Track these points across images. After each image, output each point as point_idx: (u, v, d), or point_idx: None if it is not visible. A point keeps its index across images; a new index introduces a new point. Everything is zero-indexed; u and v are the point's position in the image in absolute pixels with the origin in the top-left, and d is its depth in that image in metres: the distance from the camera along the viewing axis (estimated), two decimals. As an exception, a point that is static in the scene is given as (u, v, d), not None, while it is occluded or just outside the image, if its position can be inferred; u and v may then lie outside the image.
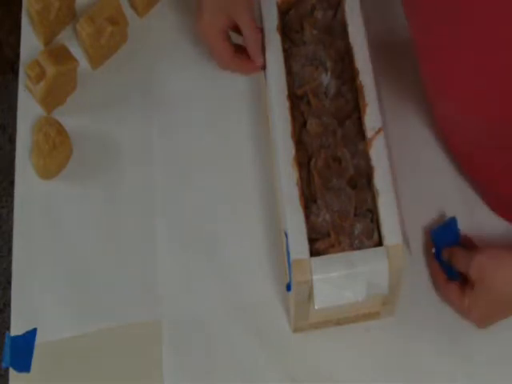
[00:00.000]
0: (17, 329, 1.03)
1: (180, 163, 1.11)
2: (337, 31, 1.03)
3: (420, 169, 1.08)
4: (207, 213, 1.08)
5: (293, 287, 0.91)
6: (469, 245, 1.00)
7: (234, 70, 1.07)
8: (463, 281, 0.96)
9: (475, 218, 1.04)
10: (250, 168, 1.10)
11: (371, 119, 0.96)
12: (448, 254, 0.99)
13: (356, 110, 0.98)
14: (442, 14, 0.83)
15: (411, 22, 0.92)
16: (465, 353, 0.99)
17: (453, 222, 1.02)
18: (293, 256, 0.90)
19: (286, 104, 0.98)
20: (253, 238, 1.06)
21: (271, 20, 1.03)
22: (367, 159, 0.95)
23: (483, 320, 0.97)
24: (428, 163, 1.08)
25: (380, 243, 0.92)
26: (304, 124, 0.98)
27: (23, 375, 1.01)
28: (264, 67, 1.03)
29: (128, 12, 1.18)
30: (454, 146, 1.05)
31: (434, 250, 1.01)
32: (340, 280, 0.90)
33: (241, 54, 1.05)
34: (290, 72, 1.01)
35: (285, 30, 1.04)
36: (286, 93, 0.98)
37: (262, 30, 1.03)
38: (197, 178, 1.10)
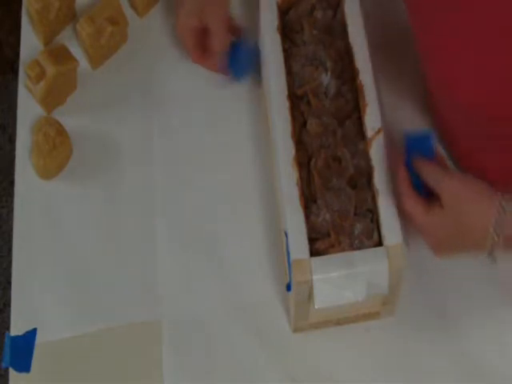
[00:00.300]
0: (17, 329, 1.03)
1: (180, 163, 1.11)
2: (337, 31, 1.03)
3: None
4: (207, 213, 1.08)
5: (293, 287, 0.91)
6: (441, 164, 0.95)
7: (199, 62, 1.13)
8: (429, 196, 0.91)
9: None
10: (250, 168, 1.10)
11: (371, 119, 0.96)
12: (420, 165, 0.92)
13: (356, 110, 0.98)
14: (443, 12, 0.84)
15: (413, 20, 0.92)
16: (464, 352, 0.99)
17: (430, 135, 0.95)
18: (293, 256, 0.90)
19: (286, 104, 0.98)
20: (253, 238, 1.06)
21: (271, 20, 1.03)
22: (367, 159, 0.95)
23: (441, 247, 0.93)
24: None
25: (380, 243, 0.92)
26: (304, 124, 0.98)
27: (23, 375, 1.01)
28: (226, 71, 1.11)
29: (128, 12, 1.18)
30: (453, 146, 1.05)
31: (404, 156, 0.94)
32: (340, 280, 0.90)
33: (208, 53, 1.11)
34: (290, 72, 1.01)
35: (285, 30, 1.04)
36: (285, 93, 0.98)
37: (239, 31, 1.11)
38: (197, 178, 1.10)
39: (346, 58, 1.01)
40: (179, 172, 1.10)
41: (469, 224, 0.88)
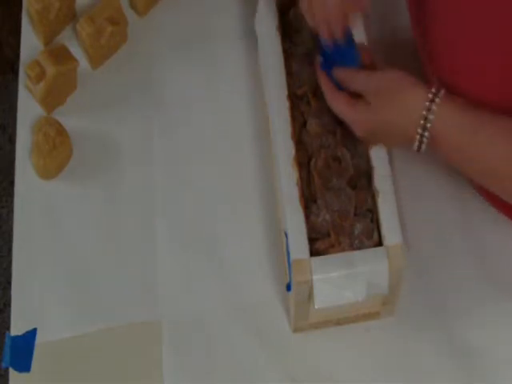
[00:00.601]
0: (17, 329, 1.03)
1: (180, 163, 1.11)
2: (337, 31, 1.03)
3: (419, 167, 1.08)
4: (207, 213, 1.08)
5: (293, 287, 0.91)
6: (368, 63, 0.94)
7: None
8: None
9: (475, 216, 1.05)
10: (250, 168, 1.10)
11: (371, 119, 0.96)
12: (342, 74, 0.92)
13: (356, 109, 0.98)
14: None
15: (415, 30, 0.91)
16: (465, 352, 0.99)
17: (351, 43, 0.93)
18: (293, 256, 0.90)
19: (286, 104, 0.98)
20: (253, 238, 1.06)
21: (271, 20, 1.03)
22: (367, 159, 0.95)
23: (370, 139, 0.92)
24: (427, 160, 1.08)
25: (380, 243, 0.92)
26: (304, 124, 0.98)
27: (23, 375, 1.00)
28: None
29: (128, 12, 1.18)
30: None
31: (320, 60, 0.94)
32: (340, 280, 0.90)
33: None
34: (289, 72, 1.01)
35: (285, 30, 1.03)
36: (285, 93, 0.98)
37: None
38: (197, 178, 1.10)
39: (346, 57, 1.01)
40: (179, 172, 1.10)
41: (394, 119, 0.87)
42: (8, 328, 1.03)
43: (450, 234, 1.04)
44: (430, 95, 0.85)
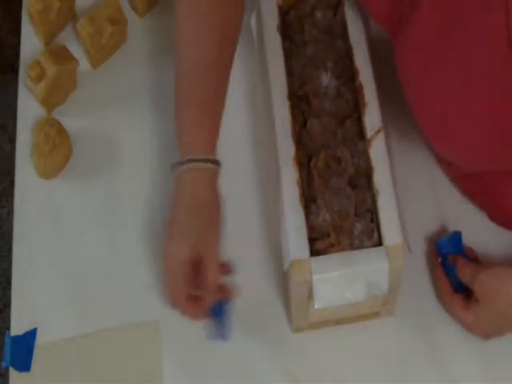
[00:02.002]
0: (17, 329, 1.03)
1: (180, 163, 1.11)
2: (337, 31, 1.03)
3: (419, 166, 1.08)
4: (207, 213, 1.08)
5: (292, 287, 0.91)
6: (472, 257, 1.00)
7: (181, 310, 0.97)
8: (468, 293, 0.96)
9: (474, 215, 1.05)
10: (251, 168, 1.10)
11: (371, 119, 0.96)
12: (453, 261, 0.98)
13: (356, 110, 0.98)
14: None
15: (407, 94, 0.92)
16: (465, 352, 0.99)
17: (457, 235, 1.00)
18: (293, 256, 0.90)
19: (286, 104, 0.98)
20: (253, 237, 1.06)
21: (271, 20, 1.03)
22: (367, 159, 0.95)
23: (487, 335, 0.97)
24: (427, 160, 1.08)
25: (380, 243, 0.92)
26: (304, 124, 0.98)
27: (23, 375, 1.01)
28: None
29: (128, 12, 1.18)
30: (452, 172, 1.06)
31: (440, 260, 1.00)
32: (340, 280, 0.90)
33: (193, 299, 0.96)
34: (290, 72, 1.01)
35: (285, 30, 1.04)
36: (285, 93, 0.98)
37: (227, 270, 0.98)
38: (197, 178, 1.10)
39: (346, 58, 1.01)
40: (179, 172, 1.10)
41: (500, 310, 0.92)
42: (8, 328, 1.03)
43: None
44: None
